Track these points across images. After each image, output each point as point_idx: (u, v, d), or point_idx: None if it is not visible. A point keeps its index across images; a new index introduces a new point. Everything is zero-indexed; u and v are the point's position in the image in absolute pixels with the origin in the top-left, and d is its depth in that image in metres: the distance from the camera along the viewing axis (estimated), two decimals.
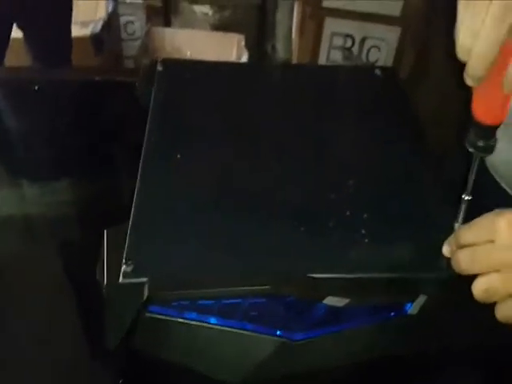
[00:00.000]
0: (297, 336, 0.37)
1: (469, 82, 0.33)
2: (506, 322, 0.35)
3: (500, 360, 0.44)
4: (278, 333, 0.37)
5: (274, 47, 1.87)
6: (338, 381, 0.40)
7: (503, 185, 0.57)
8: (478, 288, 0.35)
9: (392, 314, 0.38)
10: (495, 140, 0.36)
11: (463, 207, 0.40)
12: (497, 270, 0.34)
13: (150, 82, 0.59)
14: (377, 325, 0.38)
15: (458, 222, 0.40)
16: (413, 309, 0.37)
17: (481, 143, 0.35)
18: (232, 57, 1.58)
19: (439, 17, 1.23)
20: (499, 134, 0.36)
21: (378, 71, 0.63)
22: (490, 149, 0.36)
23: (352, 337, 0.38)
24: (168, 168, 0.45)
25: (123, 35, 1.79)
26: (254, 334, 0.37)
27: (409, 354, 0.40)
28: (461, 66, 0.34)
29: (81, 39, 1.44)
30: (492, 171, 0.57)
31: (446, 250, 0.38)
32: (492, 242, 0.34)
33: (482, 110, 0.34)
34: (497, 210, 0.35)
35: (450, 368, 0.42)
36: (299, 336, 0.37)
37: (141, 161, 0.46)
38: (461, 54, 0.32)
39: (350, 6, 1.45)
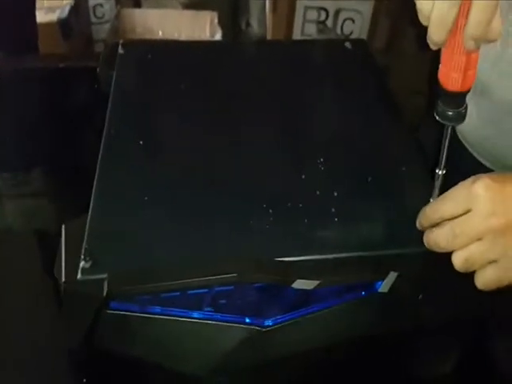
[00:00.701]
0: (266, 322, 0.36)
1: (432, 46, 0.32)
2: (485, 289, 0.35)
3: (472, 333, 0.44)
4: (248, 320, 0.36)
5: (248, 24, 1.83)
6: (310, 365, 0.40)
7: (474, 153, 0.56)
8: (458, 258, 0.34)
9: (362, 293, 0.37)
10: (466, 107, 0.34)
11: (438, 182, 0.38)
12: (478, 239, 0.33)
13: (111, 66, 0.57)
14: (347, 305, 0.37)
15: (433, 198, 0.38)
16: (383, 286, 0.37)
17: (451, 112, 0.34)
18: (205, 35, 1.54)
19: None
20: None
21: (348, 44, 0.62)
22: (461, 117, 0.35)
23: (322, 319, 0.37)
24: (129, 156, 0.44)
25: (92, 19, 1.73)
26: (222, 323, 0.36)
27: (381, 333, 0.39)
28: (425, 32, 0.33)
29: (47, 25, 1.39)
30: (461, 139, 0.57)
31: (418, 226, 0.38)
32: (469, 211, 0.33)
33: (449, 77, 0.33)
34: (471, 178, 0.34)
35: (424, 344, 0.42)
36: (269, 322, 0.36)
37: (100, 150, 0.44)
38: (421, 19, 0.32)
39: None
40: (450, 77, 0.33)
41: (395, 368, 0.41)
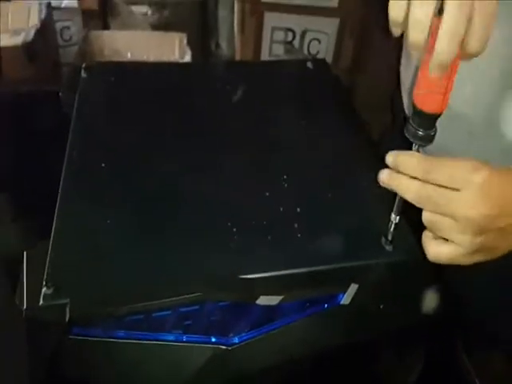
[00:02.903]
0: (232, 340, 0.37)
1: (414, 53, 0.32)
2: (433, 260, 0.36)
3: (433, 341, 0.45)
4: (213, 340, 0.36)
5: (218, 45, 1.85)
6: (278, 379, 0.40)
7: None
8: (429, 216, 0.35)
9: (325, 305, 0.38)
10: (435, 130, 0.35)
11: (399, 199, 0.39)
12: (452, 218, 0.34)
13: (74, 89, 0.57)
14: (311, 318, 0.38)
15: (394, 213, 0.39)
16: (345, 298, 0.37)
17: (421, 132, 0.35)
18: (174, 56, 1.55)
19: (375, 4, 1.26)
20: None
21: (310, 64, 0.64)
22: (429, 138, 0.36)
23: (288, 333, 0.38)
24: (91, 180, 0.44)
25: (60, 42, 1.72)
26: (188, 344, 0.36)
27: (346, 343, 0.40)
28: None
29: (12, 48, 1.37)
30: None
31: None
32: (457, 190, 0.34)
33: (423, 99, 0.34)
34: (473, 163, 0.34)
35: (388, 352, 0.43)
36: (235, 340, 0.37)
37: (62, 174, 0.44)
38: (393, 25, 0.32)
39: (288, 0, 1.45)
40: (428, 99, 0.34)
41: (361, 376, 0.42)
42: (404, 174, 0.36)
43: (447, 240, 0.35)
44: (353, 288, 0.37)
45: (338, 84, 0.62)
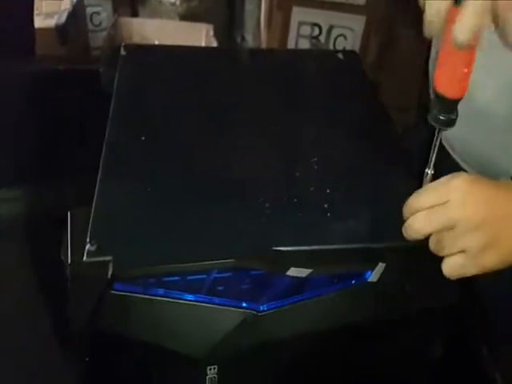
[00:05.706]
0: (262, 307, 0.38)
1: (428, 32, 0.33)
2: (450, 276, 0.37)
3: (452, 332, 0.46)
4: (244, 305, 0.38)
5: (243, 38, 1.87)
6: (302, 350, 0.41)
7: (455, 157, 0.59)
8: (432, 240, 0.37)
9: (353, 282, 0.39)
10: (456, 114, 0.37)
11: (427, 181, 0.40)
12: (451, 228, 0.36)
13: (113, 68, 0.59)
14: (338, 293, 0.39)
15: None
16: (373, 276, 0.39)
17: (442, 117, 0.36)
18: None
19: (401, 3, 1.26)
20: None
21: (340, 55, 0.65)
22: (451, 122, 0.37)
23: (315, 306, 0.39)
24: (132, 149, 0.46)
25: (90, 26, 1.76)
26: (220, 307, 0.37)
27: (370, 321, 0.41)
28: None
29: (45, 30, 1.41)
30: (445, 143, 0.59)
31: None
32: (447, 203, 0.36)
33: (444, 84, 0.35)
34: (452, 174, 0.37)
35: (410, 334, 0.44)
36: (264, 307, 0.38)
37: (104, 142, 0.46)
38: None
39: None
40: (446, 84, 0.35)
41: (382, 355, 0.43)
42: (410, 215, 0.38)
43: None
44: (380, 267, 0.39)
45: (367, 76, 0.63)
